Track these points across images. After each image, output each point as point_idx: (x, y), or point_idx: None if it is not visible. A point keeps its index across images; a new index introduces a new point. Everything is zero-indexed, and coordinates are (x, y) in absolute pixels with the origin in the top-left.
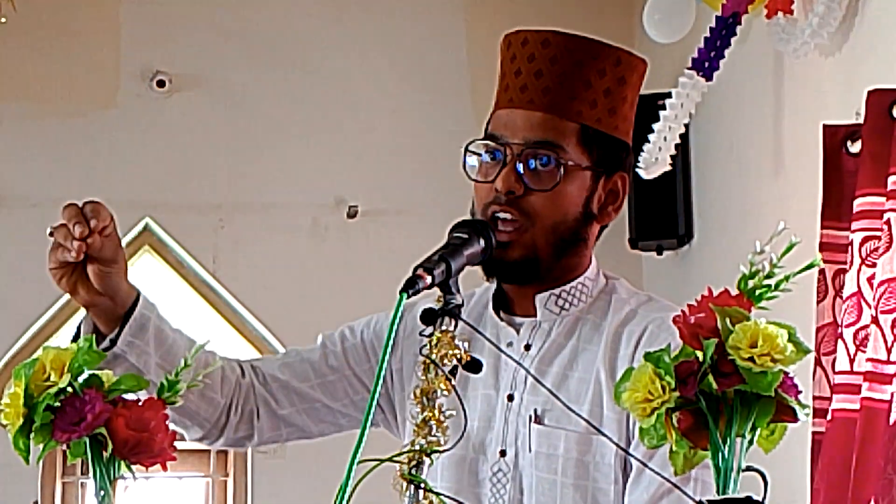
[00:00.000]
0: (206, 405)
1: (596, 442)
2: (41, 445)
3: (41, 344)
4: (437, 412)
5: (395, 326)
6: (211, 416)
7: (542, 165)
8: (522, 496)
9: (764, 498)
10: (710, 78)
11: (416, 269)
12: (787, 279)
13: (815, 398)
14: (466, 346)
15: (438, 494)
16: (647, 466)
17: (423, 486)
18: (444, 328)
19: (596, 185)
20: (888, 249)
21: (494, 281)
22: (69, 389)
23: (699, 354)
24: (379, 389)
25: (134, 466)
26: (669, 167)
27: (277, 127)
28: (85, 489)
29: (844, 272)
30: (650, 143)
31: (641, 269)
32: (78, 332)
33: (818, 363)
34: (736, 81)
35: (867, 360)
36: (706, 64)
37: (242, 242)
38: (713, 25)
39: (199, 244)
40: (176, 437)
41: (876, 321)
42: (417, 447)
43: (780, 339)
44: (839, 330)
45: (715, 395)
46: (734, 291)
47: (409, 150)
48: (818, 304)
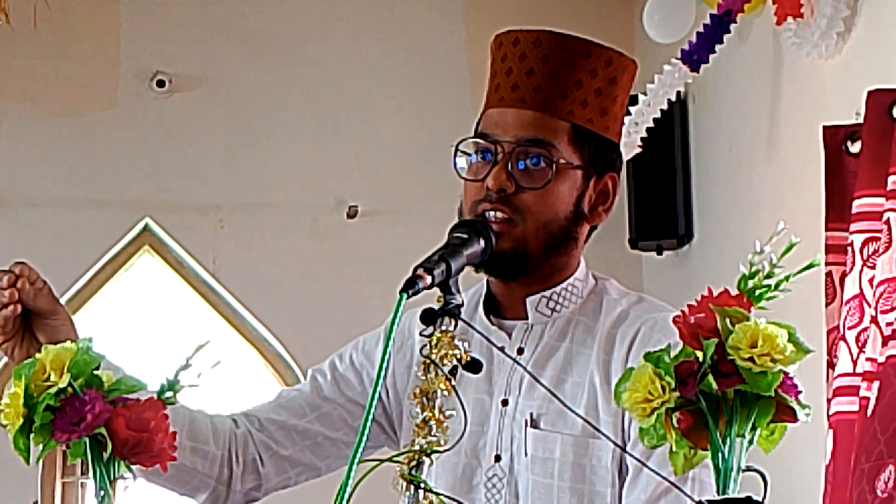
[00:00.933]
0: (201, 459)
1: (592, 445)
2: (41, 445)
3: None
4: (437, 412)
5: (394, 326)
6: (210, 470)
7: (532, 164)
8: (518, 501)
9: (764, 498)
10: (696, 70)
11: (416, 269)
12: (786, 279)
13: (828, 401)
14: (466, 346)
15: (438, 494)
16: (645, 466)
17: (423, 486)
18: (444, 328)
19: (587, 184)
20: (888, 249)
21: (484, 275)
22: (69, 389)
23: (699, 354)
24: (379, 388)
25: (134, 466)
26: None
27: (277, 127)
28: (85, 489)
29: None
30: (626, 125)
31: (641, 269)
32: None
33: (830, 366)
34: (736, 81)
35: (866, 359)
36: (695, 56)
37: (242, 242)
38: (707, 22)
39: (199, 244)
40: (176, 436)
41: (875, 321)
42: (417, 447)
43: (779, 339)
44: (842, 332)
45: (715, 395)
46: (734, 291)
47: (409, 150)
48: (827, 306)
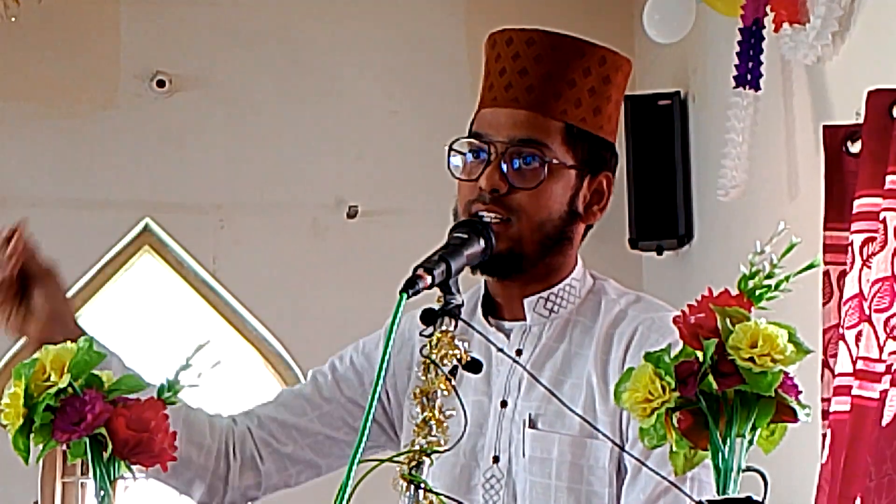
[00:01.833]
0: (196, 450)
1: (590, 445)
2: (41, 445)
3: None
4: (437, 412)
5: (394, 326)
6: (206, 462)
7: (526, 164)
8: (516, 502)
9: (764, 498)
10: (757, 88)
11: (416, 269)
12: (787, 279)
13: (824, 400)
14: (466, 346)
15: (438, 494)
16: (645, 465)
17: (423, 486)
18: (444, 328)
19: (581, 184)
20: (883, 248)
21: (480, 275)
22: (69, 389)
23: (699, 354)
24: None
25: (134, 466)
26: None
27: (277, 127)
28: (85, 489)
29: (847, 274)
30: (726, 168)
31: (641, 269)
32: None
33: (826, 365)
34: None
35: (858, 357)
36: (748, 76)
37: (242, 242)
38: (739, 39)
39: (199, 244)
40: (176, 436)
41: (868, 319)
42: (417, 447)
43: (780, 339)
44: (840, 332)
45: (715, 395)
46: (734, 291)
47: (409, 150)
48: (824, 306)
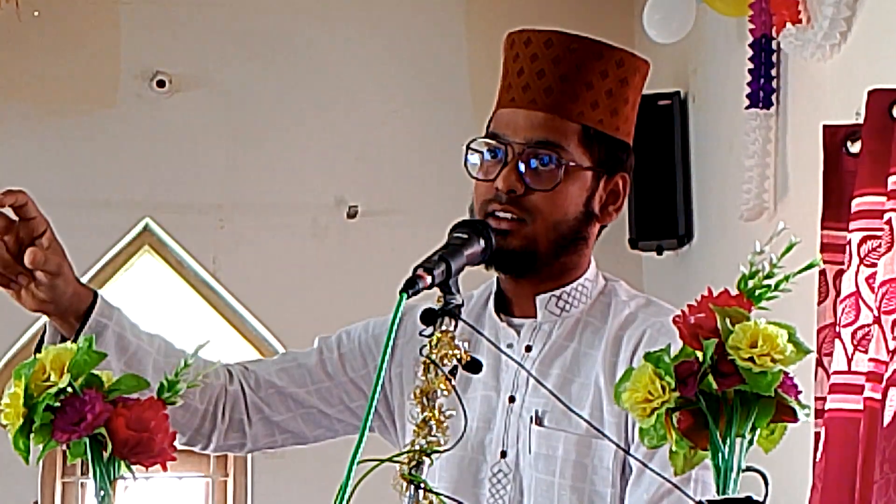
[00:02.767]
0: (181, 411)
1: (595, 445)
2: (41, 445)
3: None
4: (437, 412)
5: (394, 327)
6: (190, 422)
7: (542, 165)
8: (522, 497)
9: (764, 498)
10: (769, 106)
11: (416, 269)
12: (786, 279)
13: (817, 399)
14: (466, 346)
15: (438, 494)
16: (647, 467)
17: (423, 486)
18: (444, 328)
19: (597, 185)
20: (889, 250)
21: (493, 272)
22: (69, 389)
23: (699, 354)
24: (378, 393)
25: (134, 466)
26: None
27: (277, 127)
28: (85, 489)
29: (844, 272)
30: (746, 192)
31: (641, 269)
32: (41, 341)
33: (819, 364)
34: (736, 81)
35: (869, 360)
36: (760, 94)
37: (242, 242)
38: (750, 54)
39: (199, 244)
40: (176, 436)
41: (878, 322)
42: (417, 447)
43: (780, 339)
44: (837, 330)
45: (715, 395)
46: (734, 291)
47: (409, 150)
48: (819, 304)
